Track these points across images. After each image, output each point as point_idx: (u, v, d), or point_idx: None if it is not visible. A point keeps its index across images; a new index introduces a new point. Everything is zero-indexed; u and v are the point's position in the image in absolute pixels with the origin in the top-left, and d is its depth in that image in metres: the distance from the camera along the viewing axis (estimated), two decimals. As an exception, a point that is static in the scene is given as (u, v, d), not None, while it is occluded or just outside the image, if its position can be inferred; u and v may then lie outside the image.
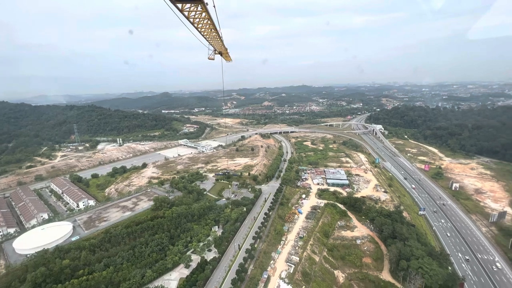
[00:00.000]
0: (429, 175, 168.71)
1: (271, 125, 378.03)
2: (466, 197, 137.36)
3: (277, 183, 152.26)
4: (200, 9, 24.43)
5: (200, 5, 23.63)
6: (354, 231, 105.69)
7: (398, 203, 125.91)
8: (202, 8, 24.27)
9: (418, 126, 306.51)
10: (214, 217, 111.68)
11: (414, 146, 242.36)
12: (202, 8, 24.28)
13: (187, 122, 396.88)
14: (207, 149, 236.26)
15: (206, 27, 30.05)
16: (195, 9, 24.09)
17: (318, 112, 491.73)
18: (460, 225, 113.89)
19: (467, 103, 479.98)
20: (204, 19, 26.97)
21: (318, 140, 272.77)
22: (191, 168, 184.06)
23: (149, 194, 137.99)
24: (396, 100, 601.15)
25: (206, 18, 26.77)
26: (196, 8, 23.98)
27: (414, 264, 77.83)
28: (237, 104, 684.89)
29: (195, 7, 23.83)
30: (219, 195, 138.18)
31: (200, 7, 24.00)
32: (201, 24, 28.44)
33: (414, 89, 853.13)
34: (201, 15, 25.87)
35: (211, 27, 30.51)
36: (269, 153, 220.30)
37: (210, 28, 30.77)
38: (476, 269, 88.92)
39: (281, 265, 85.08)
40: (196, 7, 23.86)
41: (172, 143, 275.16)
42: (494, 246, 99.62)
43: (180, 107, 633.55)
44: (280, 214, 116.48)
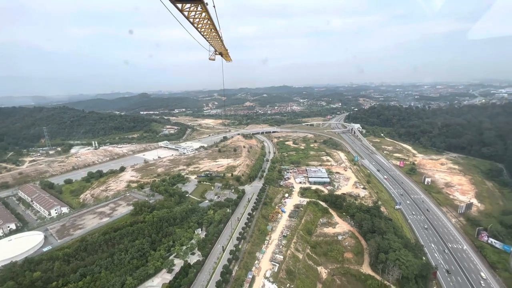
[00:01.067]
0: (404, 171, 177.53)
1: (253, 126, 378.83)
2: (437, 190, 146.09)
3: (260, 183, 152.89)
4: (200, 9, 24.51)
5: (200, 5, 23.70)
6: (335, 228, 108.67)
7: (376, 198, 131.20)
8: (202, 8, 24.35)
9: (393, 124, 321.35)
10: (197, 219, 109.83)
11: (390, 143, 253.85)
12: (202, 8, 24.36)
13: (167, 124, 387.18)
14: (188, 151, 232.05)
15: (206, 27, 30.15)
16: (195, 9, 24.16)
17: (299, 112, 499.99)
18: (432, 217, 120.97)
19: (436, 102, 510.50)
20: (204, 19, 27.07)
21: (300, 139, 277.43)
22: (172, 170, 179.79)
23: (128, 199, 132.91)
24: (372, 100, 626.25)
25: (206, 18, 26.87)
26: (196, 8, 24.06)
27: (391, 256, 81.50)
28: (219, 105, 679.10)
29: (195, 7, 23.91)
30: (202, 197, 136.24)
31: (200, 7, 24.09)
32: (201, 24, 28.54)
33: (389, 89, 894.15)
34: (201, 15, 25.96)
35: (211, 27, 30.61)
36: (252, 154, 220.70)
37: (210, 28, 30.86)
38: (447, 258, 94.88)
39: (266, 264, 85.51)
40: (196, 7, 23.93)
41: (151, 145, 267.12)
42: (463, 236, 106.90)
43: (159, 108, 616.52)
44: (264, 213, 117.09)
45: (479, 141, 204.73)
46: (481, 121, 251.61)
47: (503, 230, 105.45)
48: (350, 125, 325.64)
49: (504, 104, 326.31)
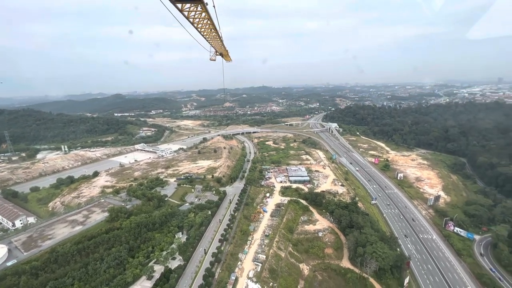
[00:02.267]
0: (379, 167, 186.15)
1: (233, 126, 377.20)
2: (409, 185, 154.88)
3: (242, 184, 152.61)
4: (200, 9, 24.56)
5: (200, 5, 23.73)
6: (316, 225, 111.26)
7: (353, 194, 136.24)
8: (202, 8, 24.39)
9: (368, 123, 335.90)
10: (177, 223, 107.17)
11: (365, 141, 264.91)
12: (202, 8, 24.41)
13: (144, 125, 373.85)
14: (167, 153, 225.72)
15: (206, 27, 30.25)
16: (195, 9, 24.20)
17: (279, 112, 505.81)
18: (405, 210, 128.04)
19: (406, 102, 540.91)
20: (204, 19, 27.12)
21: (280, 139, 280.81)
22: (150, 173, 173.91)
23: (102, 205, 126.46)
24: (348, 99, 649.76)
25: (206, 18, 26.90)
26: (196, 8, 24.10)
27: (369, 249, 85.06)
28: (198, 106, 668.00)
29: (195, 7, 23.94)
30: (182, 200, 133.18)
31: (200, 7, 24.14)
32: (201, 24, 28.56)
33: (363, 90, 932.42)
34: (201, 15, 26.00)
35: (211, 27, 30.68)
36: (232, 154, 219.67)
37: (210, 28, 30.90)
38: (419, 248, 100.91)
39: (249, 265, 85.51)
40: (196, 7, 23.97)
41: (127, 148, 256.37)
42: (432, 226, 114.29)
43: (135, 110, 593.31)
44: (246, 214, 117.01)
45: (444, 137, 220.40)
46: (446, 119, 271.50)
47: (466, 219, 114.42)
48: (327, 125, 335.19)
49: (465, 103, 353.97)
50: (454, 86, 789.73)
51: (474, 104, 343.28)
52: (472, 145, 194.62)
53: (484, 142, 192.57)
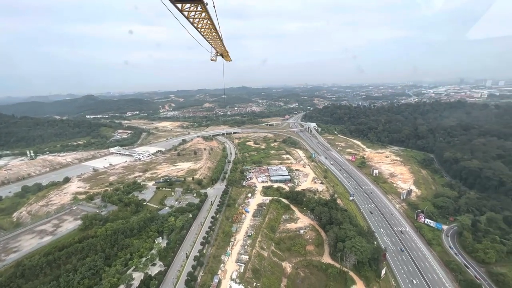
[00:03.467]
0: (356, 165, 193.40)
1: (213, 127, 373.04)
2: (384, 180, 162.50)
3: (223, 185, 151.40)
4: (200, 9, 24.64)
5: (200, 5, 23.79)
6: (297, 223, 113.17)
7: (332, 192, 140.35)
8: (202, 8, 24.47)
9: (345, 122, 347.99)
10: (157, 228, 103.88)
11: (342, 140, 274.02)
12: (202, 8, 24.50)
13: (119, 128, 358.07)
14: (144, 156, 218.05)
15: (206, 27, 30.33)
16: (195, 9, 24.30)
17: (259, 113, 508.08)
18: (380, 204, 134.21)
19: (380, 101, 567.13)
20: (204, 19, 27.18)
21: (260, 139, 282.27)
22: (127, 178, 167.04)
23: (75, 213, 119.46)
24: (326, 99, 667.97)
25: (206, 18, 26.96)
26: (196, 8, 24.17)
27: (348, 244, 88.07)
28: (176, 107, 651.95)
29: (195, 7, 24.00)
30: (161, 204, 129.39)
31: (200, 7, 24.21)
32: (201, 24, 28.60)
33: (340, 90, 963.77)
34: (201, 15, 26.07)
35: (211, 27, 30.74)
36: (213, 156, 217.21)
37: (210, 28, 30.96)
38: (394, 240, 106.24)
39: (232, 266, 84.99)
40: (196, 7, 24.02)
41: (101, 152, 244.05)
42: (405, 219, 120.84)
43: (109, 111, 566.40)
44: (228, 215, 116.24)
45: (414, 135, 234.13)
46: (416, 118, 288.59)
47: (435, 211, 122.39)
48: (307, 124, 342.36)
49: (432, 103, 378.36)
50: (422, 87, 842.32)
51: (440, 103, 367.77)
52: (439, 141, 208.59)
53: (449, 139, 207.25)
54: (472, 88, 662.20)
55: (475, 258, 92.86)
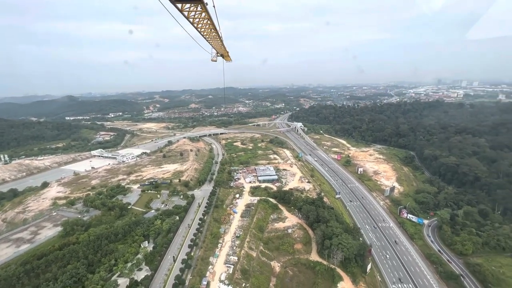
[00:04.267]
0: (341, 163, 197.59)
1: (199, 128, 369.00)
2: (368, 178, 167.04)
3: (210, 186, 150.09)
4: (200, 9, 24.53)
5: (200, 5, 23.65)
6: (285, 222, 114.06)
7: (319, 190, 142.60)
8: (202, 8, 24.39)
9: (330, 122, 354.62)
10: (142, 232, 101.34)
11: (328, 139, 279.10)
12: (202, 8, 24.39)
13: (101, 130, 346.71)
14: (128, 158, 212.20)
15: (206, 27, 30.29)
16: (195, 9, 24.21)
17: (246, 113, 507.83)
18: (365, 201, 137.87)
19: (363, 101, 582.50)
20: (204, 19, 27.14)
21: (248, 140, 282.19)
22: (110, 181, 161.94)
23: (55, 219, 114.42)
24: (311, 100, 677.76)
25: (206, 18, 26.93)
26: (196, 8, 24.05)
27: (335, 241, 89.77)
28: (161, 107, 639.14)
29: (195, 7, 23.89)
30: (147, 207, 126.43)
31: (200, 7, 24.10)
32: (201, 24, 28.54)
33: (325, 90, 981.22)
34: (201, 15, 25.99)
35: (211, 27, 30.74)
36: (200, 157, 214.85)
37: (210, 28, 30.92)
38: (378, 235, 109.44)
39: (220, 267, 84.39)
40: (196, 7, 23.92)
41: (83, 154, 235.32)
42: (389, 215, 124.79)
43: (90, 113, 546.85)
44: (216, 217, 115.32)
45: (396, 133, 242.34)
46: (397, 117, 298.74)
47: (417, 206, 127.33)
48: (293, 124, 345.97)
49: (412, 102, 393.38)
50: (403, 87, 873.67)
51: (419, 103, 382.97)
52: (419, 139, 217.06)
53: (429, 137, 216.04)
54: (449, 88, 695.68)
55: (453, 250, 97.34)
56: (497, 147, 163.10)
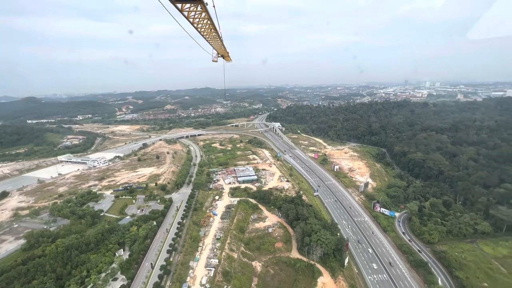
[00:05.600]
0: (318, 162, 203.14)
1: (176, 130, 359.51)
2: (344, 175, 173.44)
3: (189, 189, 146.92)
4: (200, 9, 24.64)
5: (200, 5, 23.76)
6: (265, 221, 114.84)
7: (298, 189, 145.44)
8: (202, 8, 24.54)
9: (307, 121, 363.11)
10: (117, 239, 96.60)
11: (305, 138, 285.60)
12: (202, 8, 24.53)
13: (69, 133, 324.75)
14: (100, 163, 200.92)
15: (205, 27, 30.39)
16: (195, 9, 24.35)
17: (224, 114, 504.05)
18: (342, 198, 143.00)
19: (338, 101, 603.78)
20: (204, 19, 27.22)
21: (226, 140, 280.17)
22: (80, 187, 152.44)
23: (16, 231, 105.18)
24: (288, 100, 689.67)
25: (205, 18, 27.00)
26: (196, 8, 24.13)
27: (314, 238, 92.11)
28: (135, 109, 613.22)
29: (195, 7, 24.20)
30: (122, 213, 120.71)
31: (200, 7, 24.21)
32: (200, 24, 28.64)
33: (302, 91, 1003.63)
34: (201, 15, 26.05)
35: (210, 27, 30.84)
36: (177, 159, 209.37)
37: (210, 28, 31.00)
38: (354, 230, 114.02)
39: (201, 271, 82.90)
40: (196, 7, 24.12)
41: (48, 160, 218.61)
42: (364, 209, 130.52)
43: (55, 115, 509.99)
44: (195, 220, 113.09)
45: (369, 131, 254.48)
46: (369, 116, 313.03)
47: (389, 200, 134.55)
48: (271, 124, 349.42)
49: (383, 102, 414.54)
50: (374, 87, 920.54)
51: (389, 102, 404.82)
52: (390, 137, 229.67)
53: (398, 134, 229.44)
54: (414, 88, 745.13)
55: (422, 239, 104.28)
56: (457, 143, 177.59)
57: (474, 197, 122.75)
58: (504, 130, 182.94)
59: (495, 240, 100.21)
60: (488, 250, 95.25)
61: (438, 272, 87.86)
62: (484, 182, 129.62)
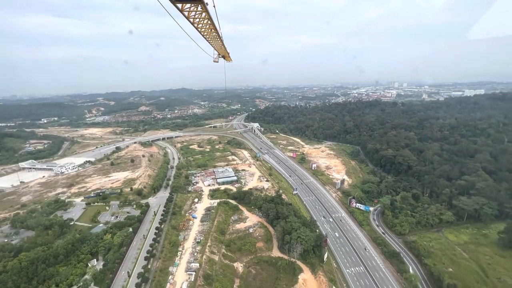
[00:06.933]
0: (297, 161, 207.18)
1: (152, 132, 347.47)
2: (321, 173, 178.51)
3: (167, 193, 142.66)
4: (200, 9, 24.47)
5: (200, 5, 23.87)
6: (246, 222, 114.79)
7: (277, 188, 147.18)
8: (202, 8, 24.41)
9: (285, 121, 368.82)
10: (90, 249, 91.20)
11: (284, 138, 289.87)
12: (202, 8, 24.36)
13: (31, 138, 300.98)
14: (68, 169, 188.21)
15: (206, 27, 30.22)
16: (195, 9, 24.30)
17: (201, 115, 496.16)
18: (320, 195, 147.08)
19: (314, 101, 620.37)
20: (204, 19, 27.06)
21: (205, 142, 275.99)
22: (46, 196, 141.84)
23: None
24: (266, 100, 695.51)
25: (206, 18, 26.85)
26: (196, 8, 24.21)
27: (294, 235, 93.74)
28: (106, 111, 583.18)
29: (195, 7, 24.06)
30: (94, 221, 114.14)
31: (200, 7, 24.04)
32: (201, 24, 28.47)
33: (279, 91, 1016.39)
34: (201, 15, 25.88)
35: (211, 27, 30.69)
36: (153, 162, 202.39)
37: (210, 28, 30.84)
38: (333, 226, 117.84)
39: (181, 276, 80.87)
40: (196, 7, 24.09)
41: (7, 167, 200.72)
42: (341, 206, 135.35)
43: (15, 119, 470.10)
44: (174, 224, 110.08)
45: (344, 130, 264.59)
46: (344, 115, 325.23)
47: (363, 195, 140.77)
48: (250, 125, 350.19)
49: (356, 102, 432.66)
50: (348, 88, 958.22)
51: (362, 102, 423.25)
52: (363, 135, 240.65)
53: (371, 132, 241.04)
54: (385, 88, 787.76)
55: (394, 231, 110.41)
56: (423, 139, 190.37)
57: (439, 189, 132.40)
58: (463, 127, 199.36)
59: (458, 228, 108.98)
60: (452, 237, 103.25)
61: (409, 261, 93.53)
62: (447, 175, 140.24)
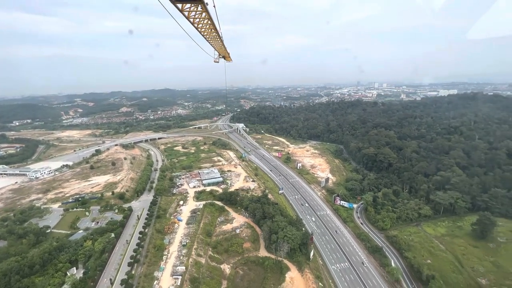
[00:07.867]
0: (282, 160, 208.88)
1: (134, 133, 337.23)
2: (306, 172, 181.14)
3: (150, 196, 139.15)
4: (200, 9, 24.76)
5: (200, 5, 23.90)
6: (233, 223, 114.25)
7: (264, 188, 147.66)
8: (202, 8, 24.45)
9: (270, 121, 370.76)
10: (68, 257, 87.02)
11: (269, 138, 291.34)
12: (202, 8, 24.60)
13: (2, 142, 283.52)
14: (44, 174, 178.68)
15: (206, 27, 30.10)
16: (195, 9, 24.34)
17: (186, 116, 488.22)
18: (305, 194, 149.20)
19: (298, 101, 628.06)
20: (204, 19, 27.03)
21: (189, 143, 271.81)
22: (20, 203, 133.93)
23: None
24: (251, 101, 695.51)
25: (206, 18, 26.81)
26: (196, 8, 24.24)
27: (281, 234, 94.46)
28: (85, 112, 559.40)
29: (195, 7, 24.08)
30: (73, 228, 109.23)
31: (200, 7, 24.32)
32: (201, 24, 28.40)
33: (264, 91, 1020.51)
34: (201, 15, 26.21)
35: (211, 27, 30.58)
36: (136, 165, 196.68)
37: (210, 28, 30.81)
38: (318, 223, 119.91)
39: (167, 281, 79.18)
40: (196, 7, 24.12)
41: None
42: (325, 204, 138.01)
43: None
44: (158, 227, 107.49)
45: (327, 130, 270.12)
46: (327, 115, 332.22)
47: (347, 193, 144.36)
48: (235, 125, 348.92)
49: (339, 102, 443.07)
50: (331, 88, 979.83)
51: (344, 102, 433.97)
52: (346, 134, 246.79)
53: (353, 131, 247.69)
54: (365, 89, 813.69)
55: (377, 227, 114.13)
56: (402, 137, 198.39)
57: (417, 185, 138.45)
58: (438, 125, 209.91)
59: (435, 221, 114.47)
60: (430, 231, 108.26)
61: (391, 255, 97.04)
62: (425, 171, 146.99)
